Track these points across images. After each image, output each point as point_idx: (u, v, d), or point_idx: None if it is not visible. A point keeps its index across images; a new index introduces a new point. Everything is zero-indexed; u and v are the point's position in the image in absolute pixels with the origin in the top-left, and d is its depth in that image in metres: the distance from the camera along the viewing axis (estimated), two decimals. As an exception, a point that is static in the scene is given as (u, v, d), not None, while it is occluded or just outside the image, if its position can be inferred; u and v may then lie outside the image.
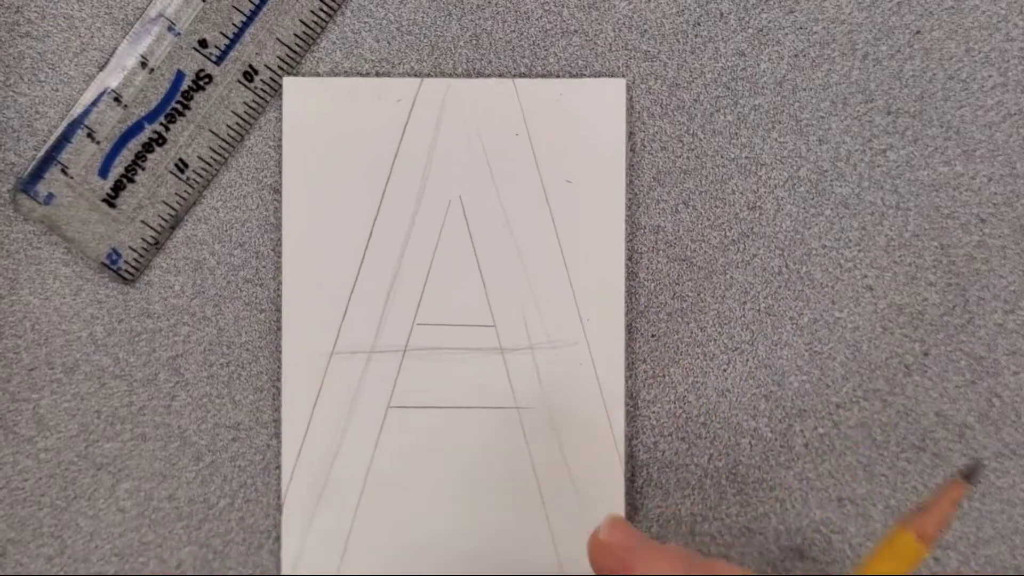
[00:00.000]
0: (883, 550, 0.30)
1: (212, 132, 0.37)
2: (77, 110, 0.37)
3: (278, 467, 0.37)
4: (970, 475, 0.31)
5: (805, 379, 0.37)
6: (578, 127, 0.37)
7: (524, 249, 0.37)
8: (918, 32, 0.37)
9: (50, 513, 0.37)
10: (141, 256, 0.37)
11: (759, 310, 0.37)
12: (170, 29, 0.37)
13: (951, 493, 0.30)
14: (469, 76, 0.37)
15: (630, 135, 0.37)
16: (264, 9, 0.37)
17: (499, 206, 0.37)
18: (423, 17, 0.37)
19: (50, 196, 0.37)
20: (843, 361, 0.37)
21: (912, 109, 0.37)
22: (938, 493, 0.30)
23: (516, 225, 0.37)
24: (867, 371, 0.37)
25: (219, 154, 0.37)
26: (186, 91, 0.37)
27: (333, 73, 0.37)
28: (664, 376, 0.37)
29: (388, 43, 0.37)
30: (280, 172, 0.37)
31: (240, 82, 0.37)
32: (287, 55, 0.37)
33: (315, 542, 0.37)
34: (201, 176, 0.37)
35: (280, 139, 0.37)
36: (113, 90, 0.37)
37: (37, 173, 0.37)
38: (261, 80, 0.37)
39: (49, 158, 0.37)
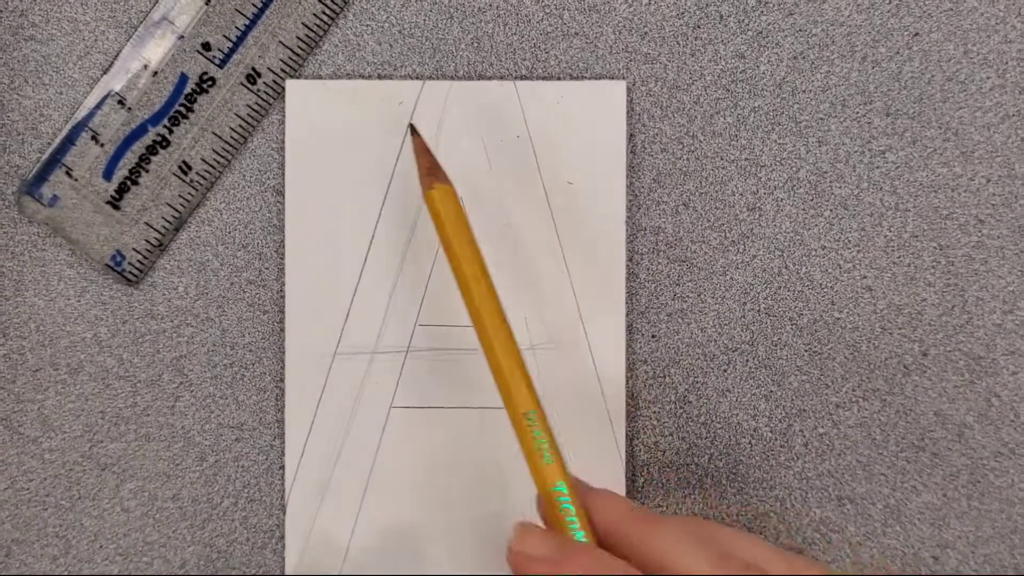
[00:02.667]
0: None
1: (215, 134, 0.37)
2: (81, 113, 0.37)
3: (281, 467, 0.37)
4: None
5: (805, 379, 0.37)
6: (579, 129, 0.37)
7: (525, 250, 0.37)
8: (917, 34, 0.37)
9: (55, 513, 0.37)
10: (145, 258, 0.37)
11: (759, 310, 0.37)
12: (173, 32, 0.37)
13: None
14: (470, 79, 0.37)
15: (630, 137, 0.37)
16: (267, 13, 0.37)
17: (500, 207, 0.37)
18: (425, 20, 0.37)
19: (54, 198, 0.37)
20: (842, 361, 0.37)
21: (911, 111, 0.37)
22: None
23: (517, 226, 0.37)
24: (866, 371, 0.37)
25: (222, 156, 0.37)
26: (189, 94, 0.37)
27: (335, 76, 0.37)
28: (664, 376, 0.37)
29: (390, 46, 0.37)
30: (283, 174, 0.37)
31: (243, 85, 0.37)
32: (290, 58, 0.37)
33: (318, 541, 0.37)
34: (204, 178, 0.37)
35: (283, 141, 0.37)
36: (117, 93, 0.37)
37: (41, 175, 0.37)
38: (264, 83, 0.37)
39: (53, 160, 0.37)
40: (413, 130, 0.35)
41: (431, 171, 0.33)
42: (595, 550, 0.29)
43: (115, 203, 0.37)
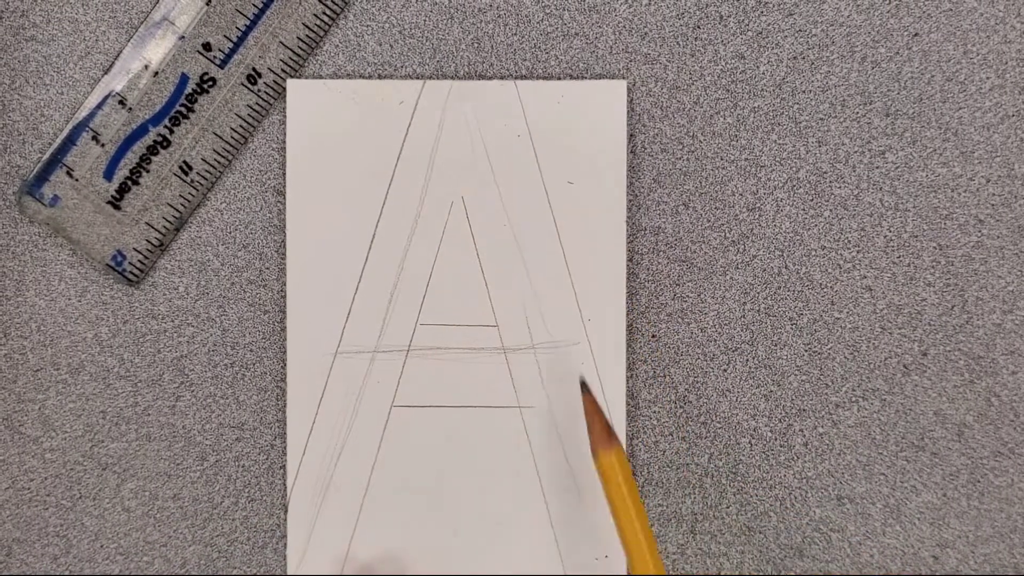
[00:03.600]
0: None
1: (216, 135, 0.37)
2: (82, 113, 0.37)
3: (282, 467, 0.37)
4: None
5: (804, 379, 0.37)
6: (579, 129, 0.37)
7: (526, 250, 0.37)
8: (916, 34, 0.37)
9: (55, 513, 0.37)
10: (146, 258, 0.37)
11: (759, 310, 0.37)
12: (174, 33, 0.37)
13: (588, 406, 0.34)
14: (471, 79, 0.37)
15: (630, 137, 0.37)
16: (267, 13, 0.37)
17: (501, 207, 0.37)
18: (425, 20, 0.37)
19: (55, 198, 0.37)
20: (842, 361, 0.37)
21: (910, 111, 0.37)
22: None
23: (518, 226, 0.37)
24: (866, 371, 0.37)
25: (223, 156, 0.37)
26: (190, 94, 0.37)
27: (336, 76, 0.37)
28: (664, 376, 0.38)
29: (391, 46, 0.37)
30: (284, 174, 0.37)
31: (244, 85, 0.37)
32: (290, 58, 0.37)
33: (320, 541, 0.37)
34: (205, 178, 0.37)
35: (283, 141, 0.37)
36: (118, 93, 0.37)
37: (42, 175, 0.37)
38: (264, 83, 0.37)
39: (54, 161, 0.37)
40: (584, 387, 0.35)
41: (603, 435, 0.33)
42: None
43: (116, 203, 0.37)
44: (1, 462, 0.37)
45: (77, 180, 0.37)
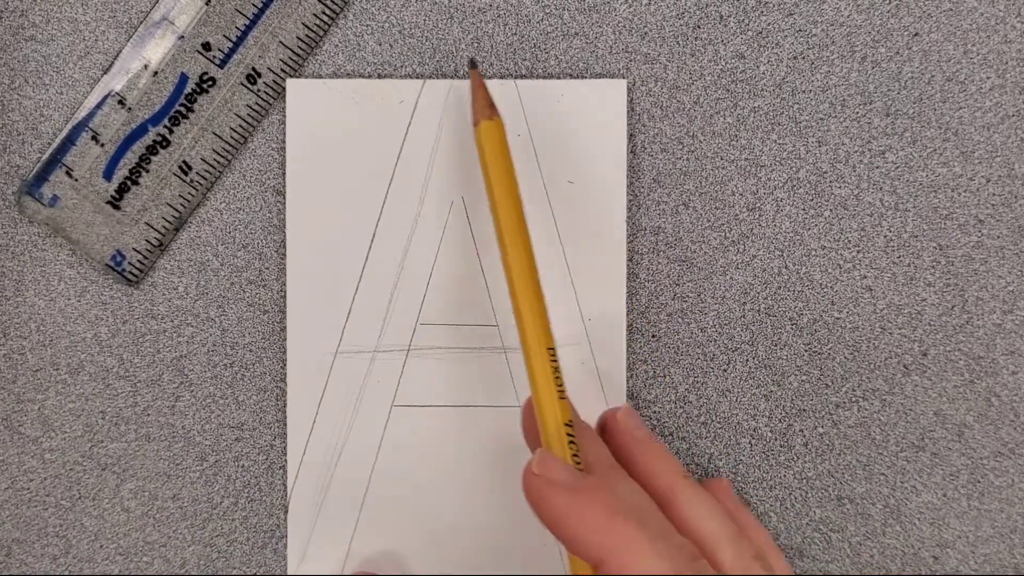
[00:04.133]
0: None
1: (215, 134, 0.37)
2: (82, 113, 0.37)
3: (282, 467, 0.37)
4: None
5: (804, 379, 0.37)
6: (579, 128, 0.37)
7: (526, 250, 0.37)
8: (916, 34, 0.37)
9: (55, 513, 0.37)
10: (145, 258, 0.37)
11: (759, 310, 0.37)
12: (174, 32, 0.37)
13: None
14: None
15: (630, 137, 0.37)
16: (267, 13, 0.37)
17: (501, 207, 0.37)
18: (425, 20, 0.37)
19: (55, 198, 0.37)
20: (842, 361, 0.37)
21: (910, 111, 0.37)
22: None
23: (518, 226, 0.37)
24: (866, 371, 0.37)
25: (222, 156, 0.37)
26: (190, 94, 0.37)
27: (336, 76, 0.37)
28: (664, 376, 0.38)
29: (390, 46, 0.37)
30: (283, 174, 0.37)
31: (243, 85, 0.37)
32: (290, 58, 0.37)
33: (320, 541, 0.37)
34: (205, 178, 0.37)
35: (283, 141, 0.37)
36: (117, 93, 0.37)
37: (42, 175, 0.37)
38: (264, 83, 0.37)
39: (54, 160, 0.37)
40: (473, 64, 0.36)
41: (485, 106, 0.34)
42: (611, 480, 0.30)
43: (115, 203, 0.37)
44: (1, 462, 0.37)
45: (77, 180, 0.37)
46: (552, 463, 0.29)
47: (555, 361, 0.31)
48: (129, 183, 0.37)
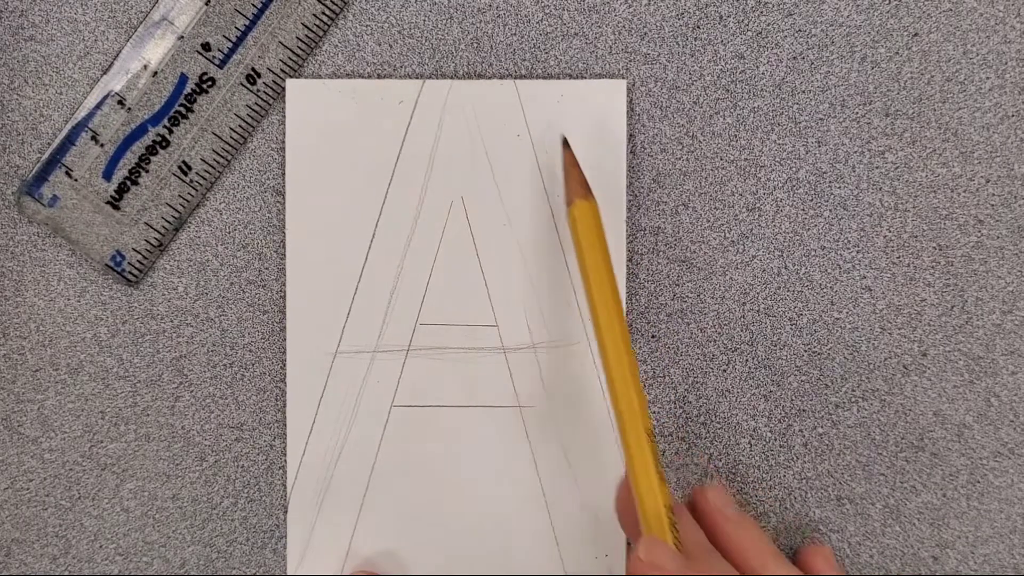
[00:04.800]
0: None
1: (215, 135, 0.37)
2: (81, 113, 0.37)
3: (281, 467, 0.37)
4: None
5: (804, 379, 0.37)
6: (579, 128, 0.37)
7: (526, 249, 0.37)
8: (916, 34, 0.37)
9: (55, 513, 0.37)
10: (145, 258, 0.37)
11: (759, 311, 0.37)
12: (173, 33, 0.37)
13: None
14: (470, 78, 0.37)
15: (630, 137, 0.37)
16: (267, 13, 0.37)
17: (500, 206, 0.37)
18: (424, 20, 0.37)
19: (54, 198, 0.37)
20: (842, 361, 0.37)
21: (910, 111, 0.37)
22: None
23: (517, 225, 0.37)
24: (866, 371, 0.37)
25: (222, 156, 0.37)
26: (189, 94, 0.37)
27: (335, 76, 0.37)
28: (664, 376, 0.38)
29: (390, 46, 0.37)
30: (283, 174, 0.37)
31: (243, 85, 0.37)
32: (290, 58, 0.37)
33: (320, 541, 0.37)
34: (204, 178, 0.37)
35: (283, 141, 0.37)
36: (117, 93, 0.37)
37: (41, 176, 0.37)
38: (264, 83, 0.37)
39: (53, 161, 0.37)
40: (566, 144, 0.36)
41: (579, 186, 0.35)
42: (712, 565, 0.31)
43: (115, 203, 0.37)
44: (1, 462, 0.37)
45: (76, 180, 0.37)
46: (659, 550, 0.31)
47: (653, 442, 0.32)
48: (129, 183, 0.37)
